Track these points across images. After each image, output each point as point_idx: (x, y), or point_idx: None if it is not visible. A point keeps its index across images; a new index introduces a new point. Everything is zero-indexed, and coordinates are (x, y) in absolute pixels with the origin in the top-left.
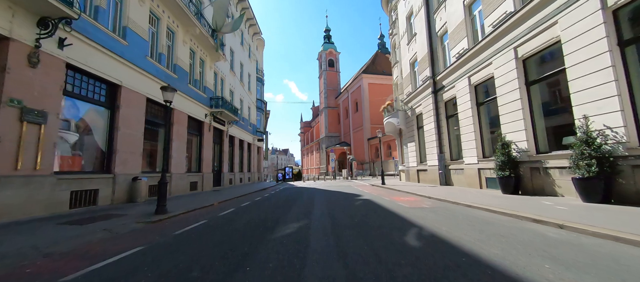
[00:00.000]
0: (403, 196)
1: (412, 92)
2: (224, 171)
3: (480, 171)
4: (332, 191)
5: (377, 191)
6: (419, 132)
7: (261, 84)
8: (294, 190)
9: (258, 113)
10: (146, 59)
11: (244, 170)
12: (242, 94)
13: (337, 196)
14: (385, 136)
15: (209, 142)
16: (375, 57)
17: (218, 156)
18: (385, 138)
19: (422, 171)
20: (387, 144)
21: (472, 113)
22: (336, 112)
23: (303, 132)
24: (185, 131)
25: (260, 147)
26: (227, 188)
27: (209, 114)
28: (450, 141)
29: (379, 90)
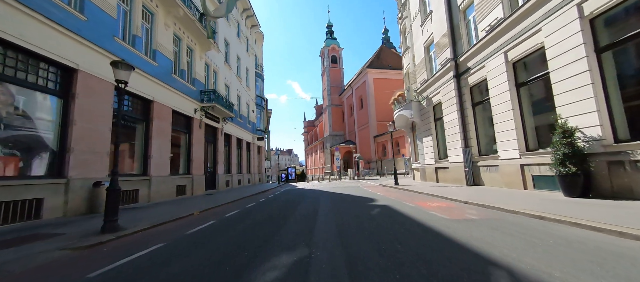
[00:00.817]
0: (429, 200)
1: (427, 79)
2: (219, 172)
3: (524, 168)
4: (339, 194)
5: (392, 193)
6: (436, 124)
7: (261, 80)
8: (295, 193)
9: (258, 111)
10: (114, 40)
11: (242, 171)
12: (239, 89)
13: (345, 200)
14: (393, 133)
15: (200, 141)
16: (380, 51)
17: (212, 156)
18: (394, 135)
19: (442, 168)
20: (395, 141)
21: (510, 96)
22: (340, 109)
23: (306, 132)
24: (169, 127)
25: (261, 147)
26: (221, 192)
27: (200, 109)
28: (477, 133)
29: (385, 86)
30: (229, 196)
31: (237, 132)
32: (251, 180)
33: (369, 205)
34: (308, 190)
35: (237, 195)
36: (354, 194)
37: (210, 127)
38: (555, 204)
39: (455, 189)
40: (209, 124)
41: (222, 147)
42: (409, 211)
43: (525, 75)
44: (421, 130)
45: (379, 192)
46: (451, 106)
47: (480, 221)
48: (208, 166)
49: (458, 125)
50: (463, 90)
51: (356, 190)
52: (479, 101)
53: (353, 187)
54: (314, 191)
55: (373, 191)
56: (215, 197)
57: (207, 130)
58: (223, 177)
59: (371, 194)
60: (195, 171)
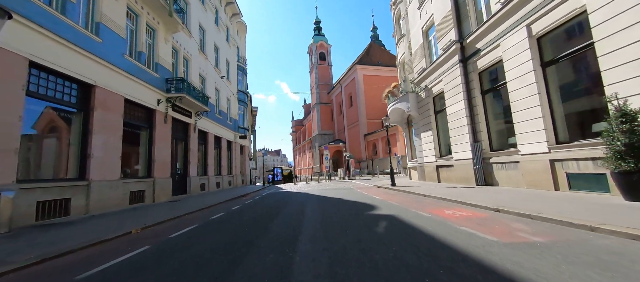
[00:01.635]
0: (446, 207)
1: (426, 67)
2: (191, 174)
3: (555, 165)
4: (330, 198)
5: (393, 197)
6: (437, 117)
7: (244, 74)
8: (278, 198)
9: (240, 107)
10: (28, 1)
11: (222, 173)
12: (218, 82)
13: (339, 209)
14: (383, 131)
15: (164, 138)
16: (370, 48)
17: (182, 156)
18: (384, 133)
19: (445, 167)
20: (386, 139)
21: (534, 78)
22: (329, 108)
23: (294, 131)
24: (119, 120)
25: (244, 146)
26: (193, 197)
27: (165, 101)
28: (488, 125)
29: (375, 83)
30: (197, 203)
31: (215, 129)
32: (233, 182)
33: (370, 216)
34: (294, 193)
35: (208, 201)
36: (348, 199)
37: (180, 122)
38: (634, 213)
39: (466, 190)
40: (178, 118)
41: (196, 146)
42: (429, 225)
43: (555, 52)
44: (419, 124)
45: (376, 195)
46: (456, 95)
47: (552, 246)
48: (177, 168)
49: (465, 117)
50: (471, 76)
51: (349, 193)
52: (491, 88)
53: (345, 189)
54: (300, 195)
55: (369, 194)
56: (180, 205)
57: (176, 125)
58: (196, 180)
59: (368, 198)
60: (158, 173)
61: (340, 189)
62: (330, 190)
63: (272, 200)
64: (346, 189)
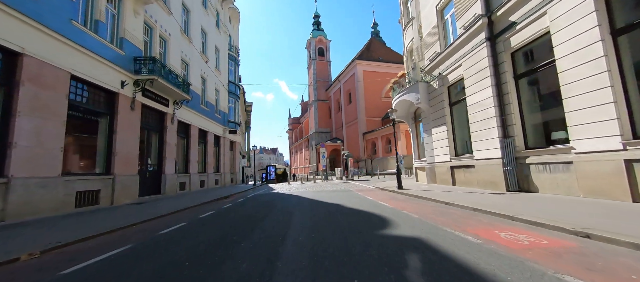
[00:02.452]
0: (493, 225)
1: (440, 51)
2: (167, 171)
3: (634, 166)
4: (326, 204)
5: (405, 204)
6: (452, 109)
7: (236, 64)
8: (264, 201)
9: (231, 99)
10: None
11: (208, 170)
12: (204, 70)
13: (338, 223)
14: (383, 129)
15: (131, 127)
16: (370, 43)
17: (156, 150)
18: (384, 131)
19: (463, 167)
20: (386, 138)
21: (603, 50)
22: (327, 105)
23: (291, 129)
24: (61, 101)
25: (235, 142)
26: (164, 199)
27: (132, 84)
28: (523, 116)
29: (376, 79)
30: (165, 207)
31: (199, 122)
32: (221, 181)
33: (386, 241)
34: (284, 196)
35: (178, 205)
36: (349, 206)
37: (154, 111)
38: None
39: (500, 198)
40: (151, 106)
41: (175, 139)
42: (502, 270)
43: (632, 14)
44: (429, 119)
45: (383, 201)
46: (480, 82)
47: None
48: (149, 164)
49: (493, 108)
50: (500, 57)
51: (348, 196)
52: (529, 70)
53: (343, 191)
54: (291, 199)
55: (373, 198)
56: (142, 209)
57: (148, 114)
58: (173, 179)
59: (373, 205)
60: (120, 170)
61: (338, 192)
62: (327, 192)
63: (254, 205)
64: (344, 191)
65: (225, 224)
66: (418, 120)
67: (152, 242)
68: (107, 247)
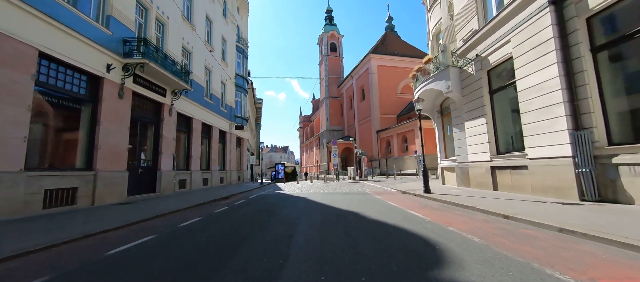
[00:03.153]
0: (623, 264)
1: (479, 28)
2: (163, 168)
3: None
4: (339, 212)
5: (446, 217)
6: (493, 98)
7: (244, 57)
8: (267, 204)
9: (239, 93)
10: None
11: (212, 167)
12: (209, 61)
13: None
14: (399, 127)
15: (118, 118)
16: (385, 37)
17: (151, 144)
18: (400, 129)
19: (508, 168)
20: (402, 136)
21: None
22: (339, 102)
23: (302, 127)
24: (25, 83)
25: (242, 139)
26: (157, 198)
27: (121, 68)
28: (604, 101)
29: (391, 74)
30: (146, 211)
31: (203, 116)
32: (226, 179)
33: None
34: (291, 198)
35: (170, 206)
36: (370, 215)
37: (148, 100)
38: None
39: (586, 211)
40: (145, 95)
41: (173, 133)
42: None
43: None
44: (462, 110)
45: (414, 209)
46: (540, 59)
47: None
48: (142, 159)
49: (559, 91)
50: (571, 24)
51: (366, 201)
52: (615, 40)
53: (358, 193)
54: (298, 202)
55: (397, 205)
56: (124, 212)
57: (141, 104)
58: (170, 176)
59: (404, 215)
60: (104, 165)
61: (352, 194)
62: (340, 195)
63: (252, 210)
64: (360, 193)
65: (199, 244)
66: (445, 113)
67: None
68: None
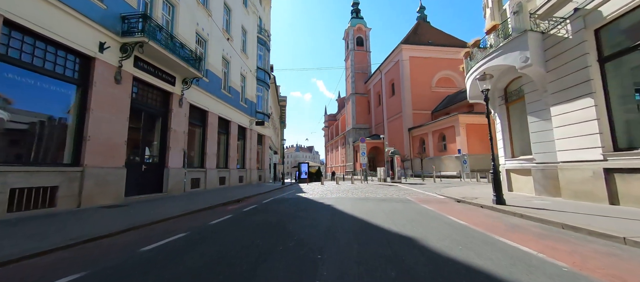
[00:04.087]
0: None
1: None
2: (171, 165)
3: None
4: (386, 236)
5: (594, 262)
6: (604, 68)
7: (266, 49)
8: (280, 215)
9: (259, 87)
10: None
11: (230, 166)
12: (227, 51)
13: None
14: (435, 123)
15: (116, 105)
16: (417, 27)
17: (158, 138)
18: (436, 126)
19: (638, 172)
20: (438, 133)
21: None
22: (365, 99)
23: (327, 126)
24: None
25: (264, 136)
26: (161, 200)
27: (118, 48)
28: None
29: (424, 66)
30: (127, 219)
31: (220, 109)
32: (245, 178)
33: None
34: (313, 205)
35: (162, 213)
36: (438, 247)
37: (155, 89)
38: None
39: None
40: (150, 82)
41: (184, 126)
42: None
43: None
44: (547, 90)
45: (507, 237)
46: None
47: None
48: (146, 155)
49: None
50: None
51: (414, 213)
52: None
53: (398, 200)
54: (321, 212)
55: (472, 224)
56: (97, 221)
57: (145, 92)
58: (180, 174)
59: (506, 253)
60: (95, 160)
61: (391, 201)
62: (376, 202)
63: (261, 222)
64: (401, 201)
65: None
66: (512, 100)
67: None
68: None
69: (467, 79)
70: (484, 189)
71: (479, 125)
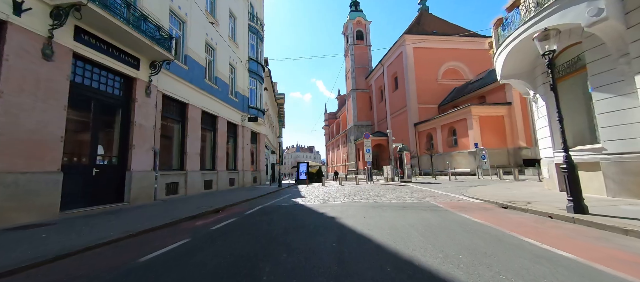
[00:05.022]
0: None
1: None
2: (135, 167)
3: None
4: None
5: None
6: None
7: (259, 39)
8: (256, 240)
9: (252, 80)
10: None
11: (218, 167)
12: (212, 36)
13: None
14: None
15: (44, 89)
16: (420, 16)
17: (119, 135)
18: (445, 119)
19: None
20: (448, 127)
21: None
22: (367, 95)
23: (327, 125)
24: None
25: (259, 134)
26: (111, 213)
27: (48, 12)
28: None
29: (429, 57)
30: (43, 247)
31: (204, 102)
32: (237, 181)
33: None
34: (311, 216)
35: (101, 234)
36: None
37: (109, 70)
38: None
39: None
40: (101, 61)
41: (153, 120)
42: None
43: None
44: (631, 53)
45: None
46: None
47: None
48: (99, 155)
49: None
50: None
51: (461, 231)
52: None
53: (424, 207)
54: (322, 230)
55: (581, 257)
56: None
57: (94, 74)
58: (148, 178)
59: None
60: (6, 164)
61: (415, 209)
62: (396, 211)
63: (226, 256)
64: (428, 208)
65: None
66: (564, 75)
67: None
68: None
69: (498, 55)
70: (522, 189)
71: (494, 117)
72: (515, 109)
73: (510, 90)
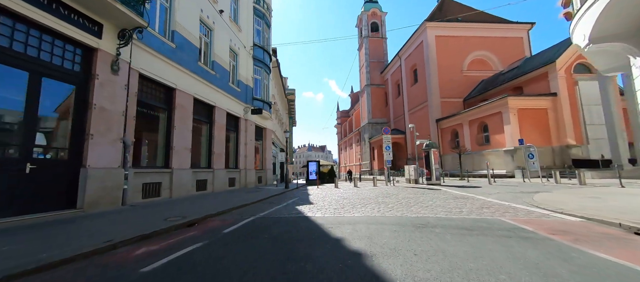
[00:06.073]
0: None
1: None
2: (93, 164)
3: None
4: None
5: None
6: None
7: (266, 24)
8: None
9: (257, 68)
10: None
11: (214, 165)
12: (209, 14)
13: None
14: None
15: None
16: (442, 3)
17: (72, 121)
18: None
19: None
20: (478, 123)
21: None
22: (382, 90)
23: (340, 123)
24: None
25: (265, 129)
26: (27, 231)
27: None
28: None
29: (453, 46)
30: None
31: (196, 88)
32: (239, 181)
33: None
34: (321, 242)
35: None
36: None
37: (54, 35)
38: None
39: None
40: (38, 21)
41: (123, 105)
42: None
43: None
44: None
45: None
46: None
47: None
48: (37, 147)
49: None
50: None
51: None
52: None
53: (501, 229)
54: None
55: None
56: None
57: (29, 37)
58: (116, 177)
59: None
60: None
61: (490, 233)
62: (461, 237)
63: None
64: (509, 231)
65: None
66: None
67: None
68: None
69: (587, 9)
70: (618, 198)
71: (535, 110)
72: (561, 101)
73: (555, 79)
